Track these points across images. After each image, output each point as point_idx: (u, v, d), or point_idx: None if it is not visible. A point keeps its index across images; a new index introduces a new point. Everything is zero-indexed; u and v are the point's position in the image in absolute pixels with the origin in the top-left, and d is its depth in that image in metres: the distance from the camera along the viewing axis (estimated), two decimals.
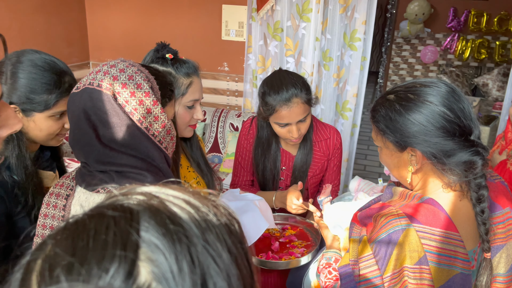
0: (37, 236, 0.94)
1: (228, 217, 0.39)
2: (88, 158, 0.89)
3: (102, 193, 0.89)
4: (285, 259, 1.39)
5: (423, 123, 0.96)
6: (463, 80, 6.09)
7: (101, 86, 0.87)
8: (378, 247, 0.97)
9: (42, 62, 1.13)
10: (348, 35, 3.18)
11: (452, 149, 0.95)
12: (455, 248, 0.94)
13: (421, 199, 1.00)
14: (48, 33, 3.41)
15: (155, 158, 0.90)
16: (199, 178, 1.46)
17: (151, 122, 0.90)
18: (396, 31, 6.76)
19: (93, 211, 0.37)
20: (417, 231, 0.93)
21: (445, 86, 0.99)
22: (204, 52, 3.67)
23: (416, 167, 1.01)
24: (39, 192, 1.17)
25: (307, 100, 1.53)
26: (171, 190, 0.39)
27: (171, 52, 1.33)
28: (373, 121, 1.07)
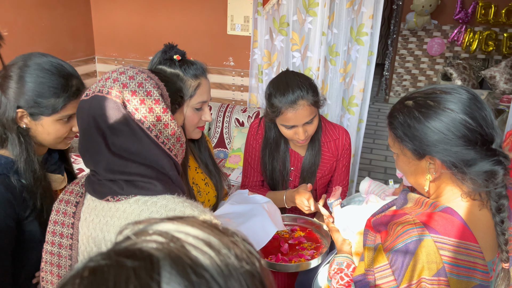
0: (47, 243, 0.95)
1: (248, 255, 0.38)
2: (97, 166, 0.88)
3: (112, 202, 0.89)
4: (294, 262, 1.38)
5: (443, 132, 0.93)
6: (470, 72, 6.03)
7: (110, 93, 0.87)
8: (394, 257, 0.95)
9: (49, 65, 1.13)
10: (355, 29, 3.15)
11: (473, 159, 0.92)
12: (475, 259, 0.92)
13: (438, 207, 0.97)
14: (54, 28, 3.40)
15: (165, 166, 0.90)
16: (207, 179, 1.46)
17: (161, 129, 0.89)
18: (402, 23, 6.69)
19: (111, 258, 0.36)
20: (435, 242, 0.91)
21: (467, 93, 0.95)
22: (209, 46, 3.65)
23: (435, 176, 0.99)
24: (47, 196, 1.17)
25: (313, 102, 1.51)
26: (190, 228, 0.38)
27: (178, 53, 1.32)
28: (391, 127, 1.04)
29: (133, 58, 3.87)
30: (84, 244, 0.92)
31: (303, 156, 1.70)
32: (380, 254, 1.00)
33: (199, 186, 1.42)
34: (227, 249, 0.37)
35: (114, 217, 0.88)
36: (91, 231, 0.91)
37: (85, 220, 0.92)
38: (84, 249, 0.92)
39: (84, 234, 0.92)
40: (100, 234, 0.89)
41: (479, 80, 6.18)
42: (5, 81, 1.11)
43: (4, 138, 1.14)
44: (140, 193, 0.87)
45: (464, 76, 5.90)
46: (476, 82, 6.08)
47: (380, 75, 7.70)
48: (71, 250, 0.93)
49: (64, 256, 0.93)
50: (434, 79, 6.79)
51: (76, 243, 0.93)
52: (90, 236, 0.91)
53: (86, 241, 0.92)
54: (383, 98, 7.44)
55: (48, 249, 0.94)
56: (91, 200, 0.93)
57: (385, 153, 5.14)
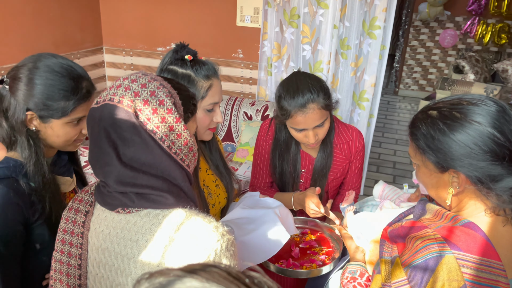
0: (56, 251, 0.93)
1: None
2: (108, 178, 0.86)
3: (122, 213, 0.87)
4: (306, 267, 1.35)
5: (470, 145, 0.89)
6: (482, 65, 5.93)
7: (122, 102, 0.84)
8: (413, 273, 0.92)
9: (59, 67, 1.10)
10: (367, 22, 3.08)
11: (500, 174, 0.88)
12: (497, 277, 0.89)
13: (460, 222, 0.94)
14: (61, 18, 3.36)
15: (177, 177, 0.87)
16: (218, 181, 1.43)
17: (174, 140, 0.86)
18: (414, 13, 6.57)
19: None
20: (456, 259, 0.88)
21: (495, 105, 0.91)
22: (218, 38, 3.60)
23: (458, 190, 0.95)
24: (56, 199, 1.15)
25: (324, 105, 1.46)
26: (215, 286, 0.35)
27: (190, 53, 1.28)
28: (412, 138, 0.99)
29: (141, 49, 3.83)
30: (94, 254, 0.90)
31: (315, 158, 1.67)
32: (398, 268, 0.97)
33: (209, 188, 1.39)
34: None
35: (125, 229, 0.86)
36: (101, 242, 0.89)
37: (95, 231, 0.90)
38: (94, 259, 0.90)
39: (94, 244, 0.90)
40: (110, 245, 0.87)
41: (491, 73, 6.07)
42: (15, 83, 1.09)
43: (13, 140, 1.12)
44: (151, 207, 0.85)
45: (477, 69, 5.80)
46: (488, 75, 5.98)
47: (390, 67, 7.60)
48: (80, 259, 0.91)
49: (74, 266, 0.91)
50: (446, 72, 6.68)
51: (85, 253, 0.91)
52: (100, 247, 0.89)
53: (95, 251, 0.90)
54: (392, 90, 7.35)
55: (57, 258, 0.92)
56: (101, 210, 0.90)
57: (394, 147, 5.09)
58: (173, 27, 3.68)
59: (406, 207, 1.26)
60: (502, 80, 5.93)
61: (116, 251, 0.86)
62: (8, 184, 1.07)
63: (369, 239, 1.21)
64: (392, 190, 1.42)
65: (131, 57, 3.87)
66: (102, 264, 0.89)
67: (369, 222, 1.24)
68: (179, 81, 1.27)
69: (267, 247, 1.26)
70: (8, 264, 1.07)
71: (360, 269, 1.18)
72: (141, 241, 0.83)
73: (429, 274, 0.89)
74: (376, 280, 1.03)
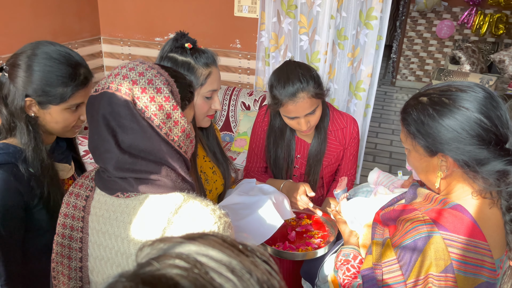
0: (57, 235, 0.96)
1: (268, 277, 0.39)
2: (107, 164, 0.88)
3: (122, 197, 0.89)
4: (302, 250, 1.40)
5: (457, 130, 0.92)
6: (479, 56, 5.95)
7: (120, 90, 0.86)
8: (402, 253, 0.96)
9: (57, 54, 1.12)
10: (364, 13, 3.10)
11: (486, 158, 0.91)
12: (483, 257, 0.93)
13: (448, 204, 0.97)
14: (59, 8, 3.36)
15: (175, 163, 0.90)
16: (215, 168, 1.47)
17: (171, 127, 0.89)
18: (412, 4, 6.57)
19: (137, 287, 0.36)
20: (444, 239, 0.92)
21: (483, 91, 0.94)
22: (216, 28, 3.61)
23: (446, 173, 0.98)
24: (55, 184, 1.18)
25: (315, 94, 1.49)
26: (211, 250, 0.39)
27: (190, 42, 1.32)
28: (404, 123, 1.03)
29: (139, 39, 3.83)
30: (94, 237, 0.93)
31: (310, 143, 1.71)
32: (388, 249, 1.01)
33: (206, 175, 1.43)
34: (248, 273, 0.37)
35: (124, 213, 0.89)
36: (101, 226, 0.92)
37: (95, 215, 0.93)
38: (94, 242, 0.93)
39: (94, 228, 0.93)
40: (110, 229, 0.90)
41: (488, 64, 6.10)
42: (14, 70, 1.11)
43: (12, 126, 1.14)
44: (150, 191, 0.88)
45: (473, 60, 5.83)
46: (484, 66, 6.00)
47: (388, 58, 7.61)
48: (81, 243, 0.94)
49: (75, 249, 0.95)
50: (442, 62, 6.71)
51: (86, 236, 0.94)
52: (100, 230, 0.92)
53: (96, 235, 0.93)
54: (389, 81, 7.38)
55: (59, 241, 0.95)
56: (101, 194, 0.93)
57: (391, 137, 5.13)
58: (171, 17, 3.68)
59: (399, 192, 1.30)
60: (498, 70, 5.96)
61: (116, 234, 0.89)
62: (8, 169, 1.09)
63: (363, 224, 1.25)
64: (387, 177, 1.46)
65: (129, 47, 3.88)
66: (103, 246, 0.92)
67: (363, 207, 1.27)
68: (178, 68, 1.29)
69: (261, 231, 1.30)
70: (9, 248, 1.09)
71: (353, 252, 1.22)
72: (141, 224, 0.86)
73: (418, 254, 0.93)
74: (368, 260, 1.07)
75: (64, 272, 0.95)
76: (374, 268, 1.04)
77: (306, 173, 1.73)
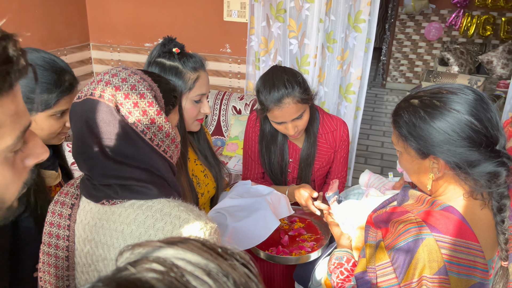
0: (44, 244, 0.95)
1: (246, 279, 0.39)
2: (92, 171, 0.88)
3: (107, 205, 0.89)
4: (295, 254, 1.40)
5: (448, 132, 0.93)
6: (467, 57, 6.02)
7: (103, 97, 0.86)
8: (396, 255, 0.96)
9: (42, 61, 1.11)
10: (352, 16, 3.12)
11: (477, 160, 0.92)
12: (475, 258, 0.93)
13: (440, 206, 0.98)
14: (48, 14, 3.34)
15: (160, 168, 0.90)
16: (206, 171, 1.47)
17: (155, 132, 0.88)
18: (400, 7, 6.63)
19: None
20: (436, 241, 0.92)
21: (473, 94, 0.95)
22: (206, 33, 3.61)
23: (438, 175, 0.99)
24: (41, 192, 1.17)
25: (300, 99, 1.50)
26: (189, 254, 0.39)
27: (178, 46, 1.32)
28: (395, 126, 1.03)
29: (128, 45, 3.82)
30: (81, 246, 0.92)
31: (301, 147, 1.72)
32: (381, 251, 1.01)
33: (198, 178, 1.43)
34: (225, 276, 0.38)
35: (110, 220, 0.88)
36: (87, 234, 0.91)
37: (81, 223, 0.92)
38: (81, 250, 0.93)
39: (80, 236, 0.92)
40: (96, 236, 0.90)
41: (476, 65, 6.17)
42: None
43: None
44: (135, 198, 0.87)
45: (461, 61, 5.89)
46: (473, 67, 6.07)
47: (378, 60, 7.67)
48: (67, 251, 0.93)
49: (61, 257, 0.94)
50: (432, 64, 6.77)
51: (72, 245, 0.93)
52: (86, 238, 0.91)
53: (82, 243, 0.92)
54: (380, 83, 7.43)
55: (45, 250, 0.94)
56: (87, 202, 0.93)
57: (382, 139, 5.16)
58: (160, 22, 3.68)
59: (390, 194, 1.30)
60: (487, 71, 6.03)
61: (102, 242, 0.88)
62: None
63: (355, 226, 1.25)
64: (378, 179, 1.47)
65: (119, 53, 3.87)
66: (89, 254, 0.91)
67: (355, 210, 1.28)
68: (166, 73, 1.29)
69: (257, 233, 1.30)
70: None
71: (346, 255, 1.22)
72: (126, 231, 0.86)
73: (411, 256, 0.93)
74: (361, 263, 1.07)
75: (51, 281, 0.94)
76: (368, 271, 1.04)
77: (298, 177, 1.74)
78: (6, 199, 0.57)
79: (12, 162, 0.55)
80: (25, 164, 0.58)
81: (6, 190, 0.56)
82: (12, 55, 0.50)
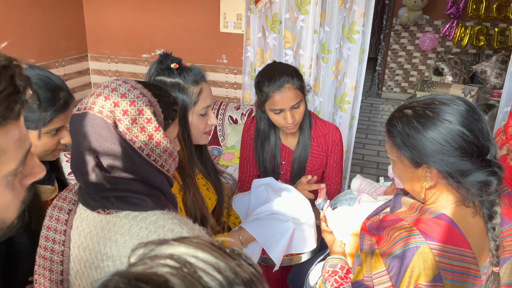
0: (40, 247, 0.97)
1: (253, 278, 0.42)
2: (88, 185, 0.89)
3: (103, 214, 0.90)
4: (287, 256, 1.42)
5: (441, 142, 0.95)
6: (461, 67, 6.09)
7: (101, 112, 0.87)
8: (392, 263, 0.98)
9: (36, 79, 1.10)
10: (346, 27, 3.18)
11: (469, 169, 0.94)
12: (468, 265, 0.95)
13: (433, 214, 1.00)
14: (46, 26, 3.39)
15: (157, 181, 0.91)
16: (208, 185, 1.47)
17: (153, 148, 0.89)
18: (394, 18, 6.72)
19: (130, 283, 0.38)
20: (431, 249, 0.94)
21: (464, 105, 0.97)
22: (202, 44, 3.66)
23: (431, 184, 1.01)
24: (36, 208, 1.16)
25: (299, 86, 1.62)
26: (200, 252, 0.41)
27: (175, 61, 1.30)
28: (389, 135, 1.05)
29: (126, 56, 3.87)
30: (75, 251, 0.94)
31: (294, 150, 1.76)
32: (377, 260, 1.03)
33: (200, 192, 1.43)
34: (234, 274, 0.40)
35: (105, 229, 0.89)
36: (82, 240, 0.93)
37: (77, 229, 0.94)
38: (75, 256, 0.94)
39: (76, 242, 0.94)
40: (91, 244, 0.91)
41: (470, 74, 6.24)
42: None
43: None
44: (130, 209, 0.88)
45: (456, 71, 5.95)
46: (467, 76, 6.14)
47: (373, 70, 7.74)
48: (62, 256, 0.95)
49: (56, 262, 0.95)
50: (426, 74, 6.84)
51: (67, 250, 0.95)
52: (81, 245, 0.93)
53: (77, 249, 0.94)
54: (375, 93, 7.49)
55: (41, 253, 0.96)
56: (83, 209, 0.94)
57: (378, 148, 5.19)
58: (157, 34, 3.73)
59: (382, 200, 1.33)
60: (481, 81, 6.09)
61: (96, 250, 0.90)
62: None
63: (349, 233, 1.27)
64: (369, 184, 1.49)
65: (116, 64, 3.91)
66: (83, 261, 0.92)
67: (347, 216, 1.30)
68: (169, 90, 1.30)
69: (292, 243, 1.34)
70: None
71: (340, 262, 1.24)
72: (120, 241, 0.87)
73: (406, 264, 0.95)
74: (357, 272, 1.08)
75: (46, 285, 0.96)
76: (365, 279, 1.05)
77: (290, 179, 1.77)
78: (7, 220, 0.59)
79: (12, 184, 0.57)
80: (23, 183, 0.59)
81: (6, 211, 0.57)
82: (19, 85, 0.50)
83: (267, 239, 1.35)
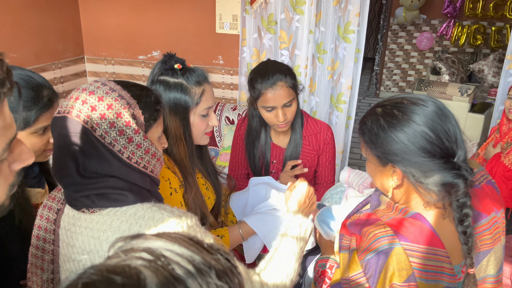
0: (32, 246, 0.98)
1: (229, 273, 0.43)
2: (68, 188, 0.90)
3: (87, 213, 0.90)
4: None
5: (404, 142, 0.95)
6: (459, 66, 6.09)
7: (79, 117, 0.86)
8: (368, 265, 0.98)
9: (17, 78, 1.09)
10: (342, 27, 3.18)
11: (431, 170, 0.94)
12: (442, 264, 0.96)
13: (408, 213, 1.00)
14: (42, 28, 3.39)
15: (138, 183, 0.90)
16: (207, 184, 1.48)
17: (133, 150, 0.89)
18: (392, 17, 6.73)
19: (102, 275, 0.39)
20: (405, 249, 0.94)
21: (433, 105, 0.97)
22: (198, 45, 3.66)
23: (397, 183, 1.01)
24: (26, 212, 1.15)
25: (292, 84, 1.63)
26: (177, 246, 0.42)
27: (179, 62, 1.30)
28: (359, 132, 1.06)
29: (122, 57, 3.87)
30: (64, 250, 0.95)
31: (285, 149, 1.77)
32: (354, 261, 1.03)
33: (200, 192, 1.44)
34: (208, 268, 0.41)
35: (88, 228, 0.90)
36: (69, 239, 0.93)
37: (64, 228, 0.95)
38: (64, 255, 0.95)
39: (64, 241, 0.95)
40: (77, 242, 0.91)
41: (467, 73, 6.24)
42: None
43: None
44: (111, 205, 0.89)
45: (453, 70, 5.96)
46: (464, 75, 6.14)
47: (371, 70, 7.75)
48: (53, 255, 0.96)
49: (47, 260, 0.96)
50: (424, 73, 6.85)
51: (57, 249, 0.96)
52: (69, 243, 0.93)
53: (66, 248, 0.94)
54: (374, 93, 7.49)
55: (33, 252, 0.97)
56: (70, 209, 0.95)
57: None
58: (153, 35, 3.73)
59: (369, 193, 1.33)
60: (478, 80, 6.10)
61: (82, 248, 0.90)
62: None
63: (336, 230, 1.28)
64: (357, 175, 1.50)
65: (113, 66, 3.92)
66: (71, 260, 0.93)
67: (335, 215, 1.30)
68: (171, 90, 1.27)
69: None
70: None
71: (329, 262, 1.24)
72: (102, 238, 0.87)
73: (381, 266, 0.95)
74: (336, 273, 1.09)
75: (38, 282, 0.97)
76: (342, 282, 1.05)
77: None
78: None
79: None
80: (12, 169, 0.60)
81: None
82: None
83: (267, 233, 1.37)
